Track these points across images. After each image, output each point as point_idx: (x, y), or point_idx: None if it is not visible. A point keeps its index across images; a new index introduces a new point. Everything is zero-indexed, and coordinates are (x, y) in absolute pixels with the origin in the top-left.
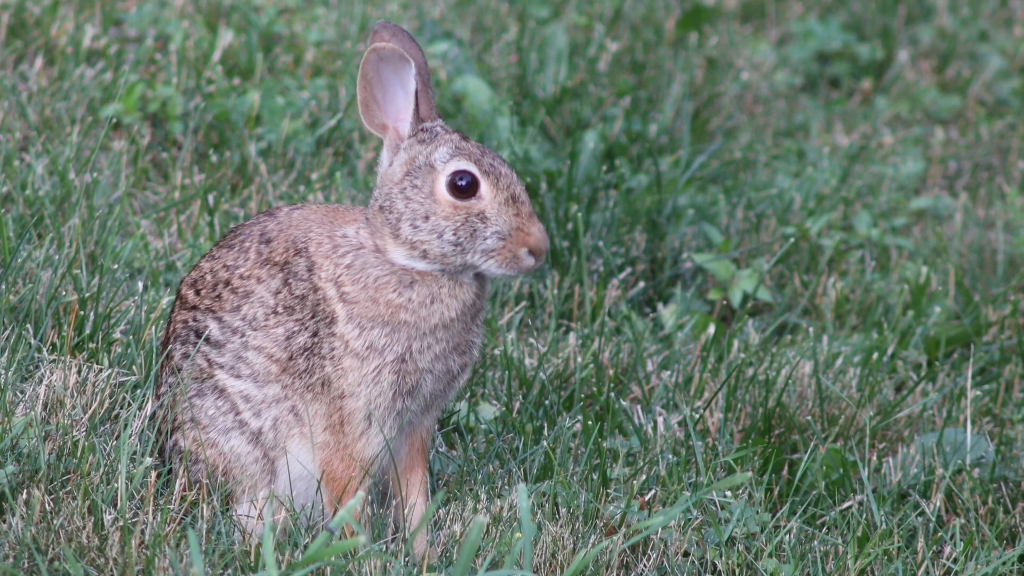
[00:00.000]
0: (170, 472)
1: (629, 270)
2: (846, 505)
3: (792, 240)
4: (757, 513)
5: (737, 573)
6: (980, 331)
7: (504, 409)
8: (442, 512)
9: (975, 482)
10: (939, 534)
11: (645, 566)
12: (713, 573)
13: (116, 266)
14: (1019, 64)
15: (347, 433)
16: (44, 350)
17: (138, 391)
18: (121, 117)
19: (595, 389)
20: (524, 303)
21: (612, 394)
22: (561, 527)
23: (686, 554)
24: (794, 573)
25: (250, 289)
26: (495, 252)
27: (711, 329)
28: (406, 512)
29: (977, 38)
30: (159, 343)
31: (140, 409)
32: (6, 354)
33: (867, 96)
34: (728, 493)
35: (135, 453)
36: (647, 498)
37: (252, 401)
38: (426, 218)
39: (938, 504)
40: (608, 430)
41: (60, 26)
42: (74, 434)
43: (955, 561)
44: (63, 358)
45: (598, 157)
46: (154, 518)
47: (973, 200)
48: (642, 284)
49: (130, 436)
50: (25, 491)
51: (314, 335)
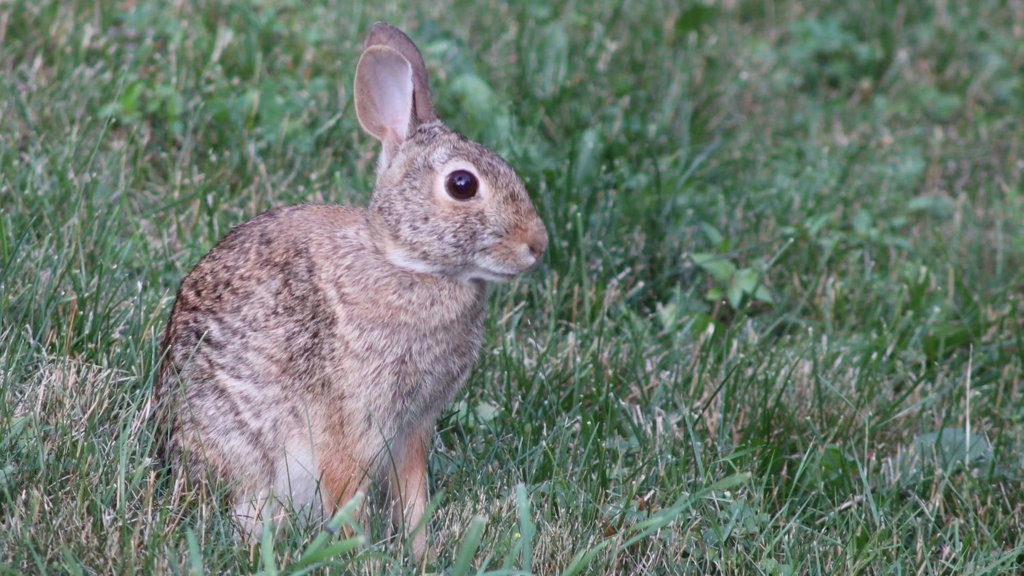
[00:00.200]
0: (169, 472)
1: (628, 270)
2: (845, 505)
3: (791, 240)
4: (756, 513)
5: (736, 573)
6: (979, 331)
7: (503, 409)
8: (441, 512)
9: (974, 482)
10: (938, 534)
11: (644, 566)
12: (712, 573)
13: (115, 266)
14: (1018, 64)
15: (347, 434)
16: (43, 350)
17: (137, 391)
18: (120, 117)
19: (594, 389)
20: (523, 303)
21: (611, 394)
22: (560, 527)
23: (685, 554)
24: (793, 573)
25: (250, 290)
26: (493, 249)
27: (710, 329)
28: (405, 512)
29: (976, 38)
30: (159, 343)
31: (139, 409)
32: (5, 354)
33: (866, 96)
34: (727, 493)
35: (134, 453)
36: (646, 498)
37: (252, 402)
38: (425, 219)
39: (937, 504)
40: (607, 430)
41: (59, 26)
42: (73, 434)
43: (954, 561)
44: (62, 358)
45: (597, 157)
46: (153, 518)
47: (972, 200)
48: (641, 284)
49: (129, 436)
50: (24, 491)
51: (314, 336)
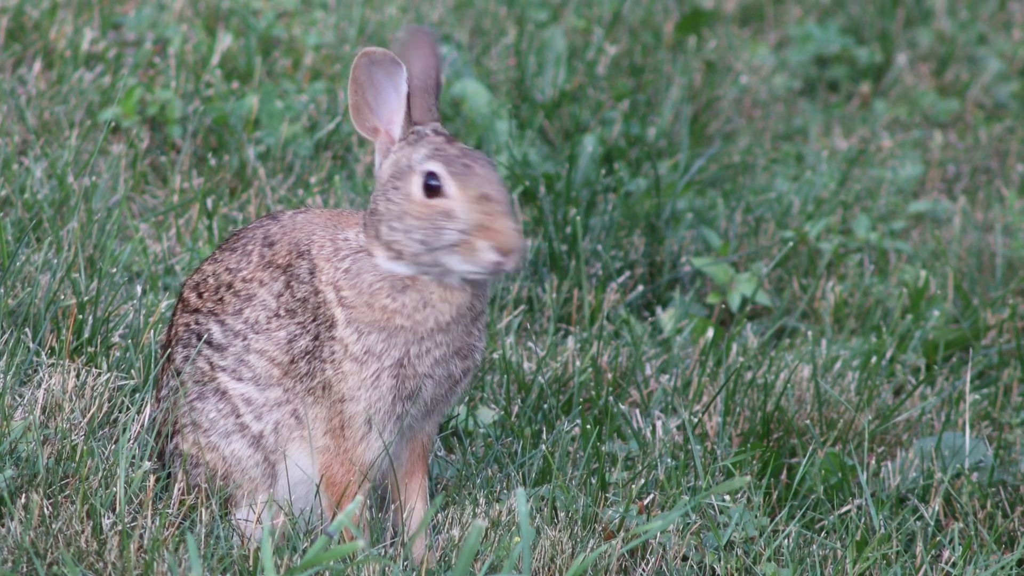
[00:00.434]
0: (169, 476)
1: (628, 274)
2: (845, 509)
3: (791, 244)
4: (756, 517)
5: None
6: (979, 335)
7: (503, 413)
8: (441, 516)
9: (974, 486)
10: (938, 538)
11: (644, 570)
12: None
13: (115, 270)
14: (1018, 67)
15: (347, 437)
16: (43, 354)
17: (137, 395)
18: (120, 121)
19: (594, 393)
20: (523, 307)
21: (611, 398)
22: (560, 531)
23: (685, 558)
24: None
25: (252, 292)
26: (456, 247)
27: (710, 333)
28: (405, 516)
29: (976, 41)
30: (160, 346)
31: (139, 413)
32: (5, 358)
33: (866, 100)
34: (727, 497)
35: (134, 457)
36: (646, 502)
37: (253, 404)
38: (400, 218)
39: (937, 508)
40: (607, 434)
41: (59, 29)
42: (73, 438)
43: (954, 565)
44: (62, 362)
45: (597, 161)
46: (153, 522)
47: (972, 203)
48: (641, 288)
49: (129, 440)
50: (24, 495)
51: (315, 338)
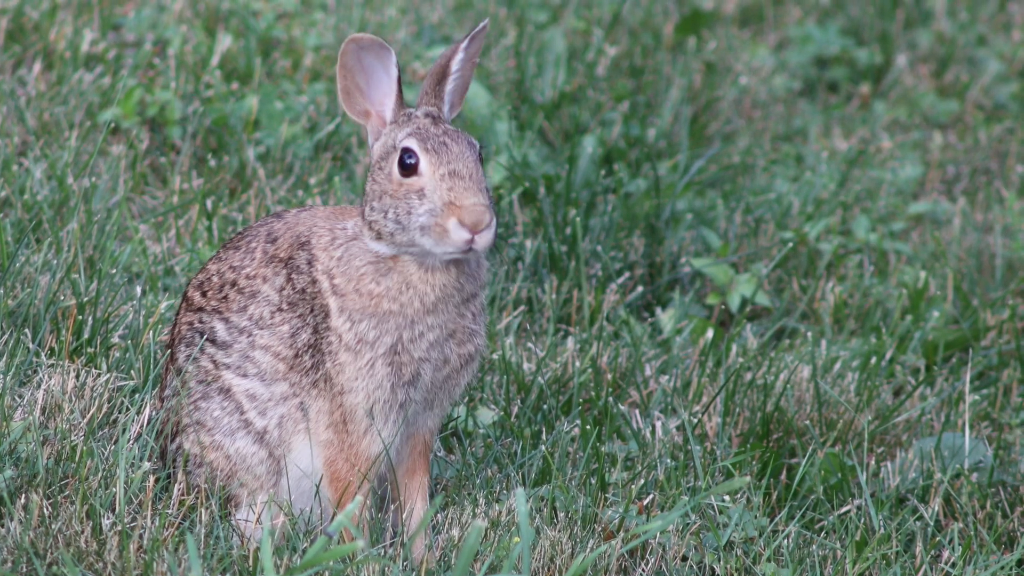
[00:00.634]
0: (168, 477)
1: (627, 275)
2: (844, 509)
3: (790, 244)
4: (755, 517)
5: None
6: (978, 335)
7: (502, 413)
8: (440, 516)
9: (973, 486)
10: (937, 538)
11: (643, 570)
12: None
13: (114, 270)
14: (1017, 68)
15: (351, 431)
16: (42, 354)
17: (136, 395)
18: (119, 122)
19: (593, 393)
20: (523, 307)
21: (610, 398)
22: (559, 531)
23: (684, 558)
24: None
25: (256, 289)
26: (428, 228)
27: (709, 333)
28: (405, 516)
29: (975, 42)
30: (164, 346)
31: (139, 414)
32: (4, 358)
33: (865, 100)
34: (726, 497)
35: (134, 457)
36: (645, 502)
37: (258, 400)
38: (380, 197)
39: (936, 508)
40: (606, 434)
41: (59, 31)
42: (72, 438)
43: (953, 565)
44: (61, 362)
45: (596, 162)
46: (152, 522)
47: (971, 204)
48: (640, 289)
49: (128, 440)
50: (23, 495)
51: (315, 330)
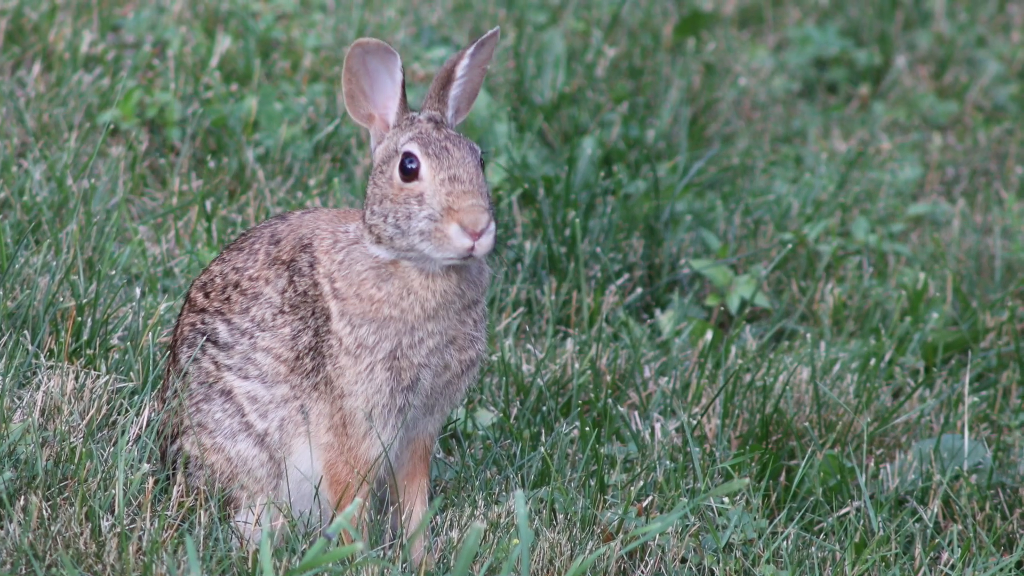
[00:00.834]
0: (167, 479)
1: (627, 276)
2: (843, 511)
3: (790, 246)
4: (755, 519)
5: None
6: (978, 337)
7: (502, 415)
8: (439, 518)
9: (972, 488)
10: (936, 540)
11: (643, 572)
12: None
13: (114, 272)
14: (1017, 69)
15: (350, 435)
16: (41, 356)
17: (136, 397)
18: (119, 123)
19: (593, 395)
20: (522, 309)
21: (610, 400)
22: (558, 533)
23: (683, 560)
24: None
25: (259, 291)
26: (428, 234)
27: (709, 335)
28: (404, 518)
29: (975, 43)
30: (166, 347)
31: (138, 415)
32: (4, 360)
33: (865, 102)
34: (725, 499)
35: (133, 459)
36: (644, 504)
37: (259, 402)
38: (380, 202)
39: (935, 510)
40: (606, 436)
41: (58, 32)
42: (72, 440)
43: (952, 567)
44: (60, 364)
45: (596, 163)
46: (152, 524)
47: (971, 206)
48: (640, 290)
49: (128, 442)
50: (23, 497)
51: (315, 333)
